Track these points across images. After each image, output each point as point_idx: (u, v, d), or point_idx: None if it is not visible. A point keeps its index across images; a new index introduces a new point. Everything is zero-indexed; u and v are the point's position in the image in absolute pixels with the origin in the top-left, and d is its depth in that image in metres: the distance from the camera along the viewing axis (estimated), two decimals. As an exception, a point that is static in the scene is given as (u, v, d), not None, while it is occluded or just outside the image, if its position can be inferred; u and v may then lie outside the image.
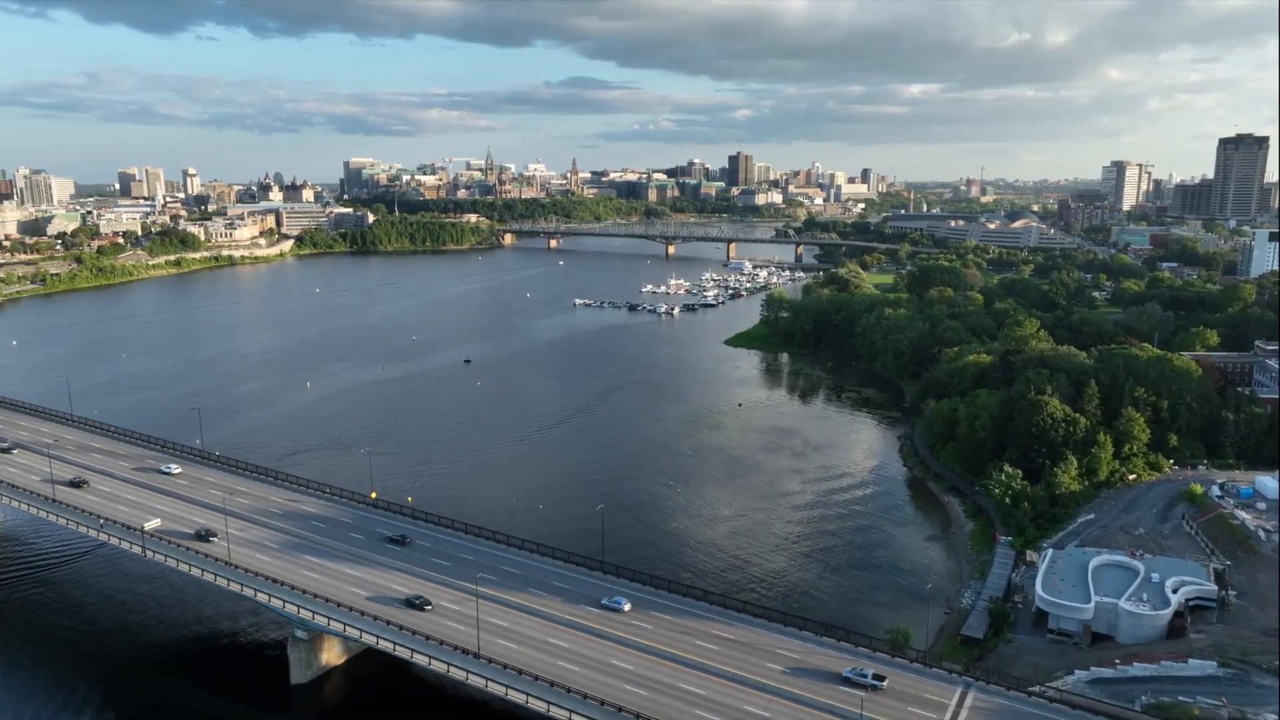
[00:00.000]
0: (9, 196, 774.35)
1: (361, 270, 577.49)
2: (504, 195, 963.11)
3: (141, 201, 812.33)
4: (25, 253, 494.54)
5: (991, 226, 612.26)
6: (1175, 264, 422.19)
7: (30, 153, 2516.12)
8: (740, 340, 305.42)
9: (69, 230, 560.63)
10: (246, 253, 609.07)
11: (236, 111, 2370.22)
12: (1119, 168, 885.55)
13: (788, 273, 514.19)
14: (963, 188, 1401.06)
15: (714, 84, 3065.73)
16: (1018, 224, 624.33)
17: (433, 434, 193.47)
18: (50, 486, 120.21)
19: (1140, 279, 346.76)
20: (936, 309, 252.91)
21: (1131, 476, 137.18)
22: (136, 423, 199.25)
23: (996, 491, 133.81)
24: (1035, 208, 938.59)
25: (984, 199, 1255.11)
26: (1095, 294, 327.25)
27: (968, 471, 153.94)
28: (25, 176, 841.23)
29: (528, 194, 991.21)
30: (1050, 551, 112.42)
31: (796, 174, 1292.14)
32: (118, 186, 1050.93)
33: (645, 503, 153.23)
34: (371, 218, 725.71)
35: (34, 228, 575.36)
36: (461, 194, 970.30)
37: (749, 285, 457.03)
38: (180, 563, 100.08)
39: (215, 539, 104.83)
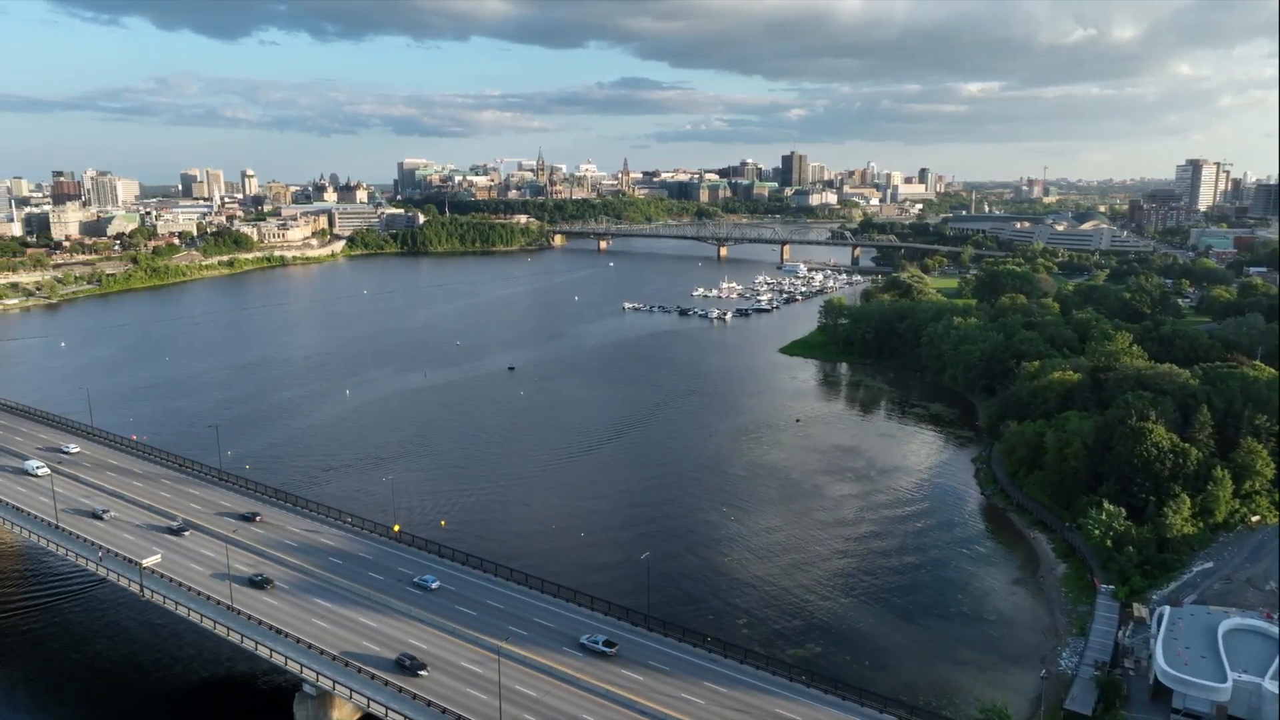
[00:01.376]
0: (77, 197, 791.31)
1: (410, 271, 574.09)
2: (555, 196, 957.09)
3: (200, 202, 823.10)
4: (84, 253, 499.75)
5: (1059, 228, 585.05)
6: (1264, 269, 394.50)
7: (100, 155, 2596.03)
8: (796, 348, 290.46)
9: (127, 231, 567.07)
10: (298, 253, 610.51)
11: (297, 114, 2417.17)
12: (1194, 166, 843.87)
13: (844, 276, 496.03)
14: (1024, 188, 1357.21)
15: (767, 84, 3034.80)
16: (1087, 225, 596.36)
17: (471, 449, 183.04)
18: (55, 510, 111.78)
19: (1227, 285, 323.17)
20: (1011, 318, 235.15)
21: (1255, 518, 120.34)
22: (167, 431, 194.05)
23: (1095, 532, 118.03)
24: (1102, 208, 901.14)
25: (1047, 199, 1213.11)
26: (1180, 301, 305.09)
27: (1056, 504, 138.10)
28: (92, 178, 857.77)
29: (578, 194, 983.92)
30: (1167, 609, 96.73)
31: (851, 174, 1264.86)
32: (180, 187, 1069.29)
33: (695, 531, 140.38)
34: (422, 218, 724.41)
35: (95, 228, 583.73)
36: (512, 194, 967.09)
37: (804, 289, 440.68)
38: (179, 605, 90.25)
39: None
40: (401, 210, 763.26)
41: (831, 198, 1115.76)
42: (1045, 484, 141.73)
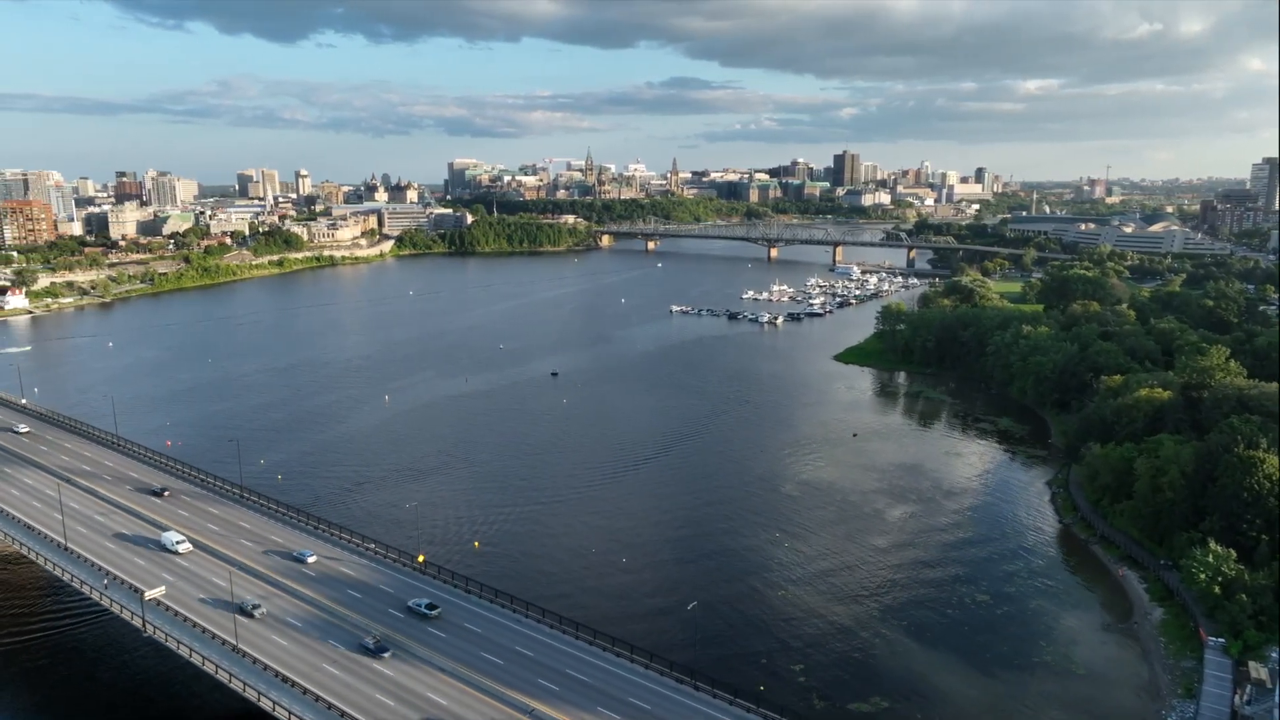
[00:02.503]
0: (139, 197, 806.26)
1: (457, 272, 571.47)
2: (603, 196, 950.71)
3: (255, 202, 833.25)
4: (139, 252, 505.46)
5: (1127, 230, 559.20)
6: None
7: (163, 156, 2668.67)
8: (852, 356, 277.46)
9: (182, 230, 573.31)
10: (347, 253, 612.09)
11: (352, 115, 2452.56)
12: (1270, 165, 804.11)
13: (900, 279, 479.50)
14: (1085, 188, 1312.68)
15: (819, 82, 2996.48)
16: (1156, 227, 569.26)
17: (510, 463, 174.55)
18: (64, 529, 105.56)
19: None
20: (1085, 328, 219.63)
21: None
22: (200, 437, 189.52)
23: (1200, 575, 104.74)
24: (1170, 209, 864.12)
25: (1110, 200, 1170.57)
26: (1266, 309, 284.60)
27: (1148, 539, 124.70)
28: (153, 178, 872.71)
29: (627, 194, 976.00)
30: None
31: (905, 174, 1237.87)
32: (237, 188, 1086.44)
33: (745, 559, 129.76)
34: (470, 218, 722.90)
35: (151, 227, 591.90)
36: (561, 194, 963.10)
37: (858, 292, 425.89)
38: (180, 645, 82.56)
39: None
40: (450, 210, 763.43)
41: (885, 198, 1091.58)
42: (1135, 515, 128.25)
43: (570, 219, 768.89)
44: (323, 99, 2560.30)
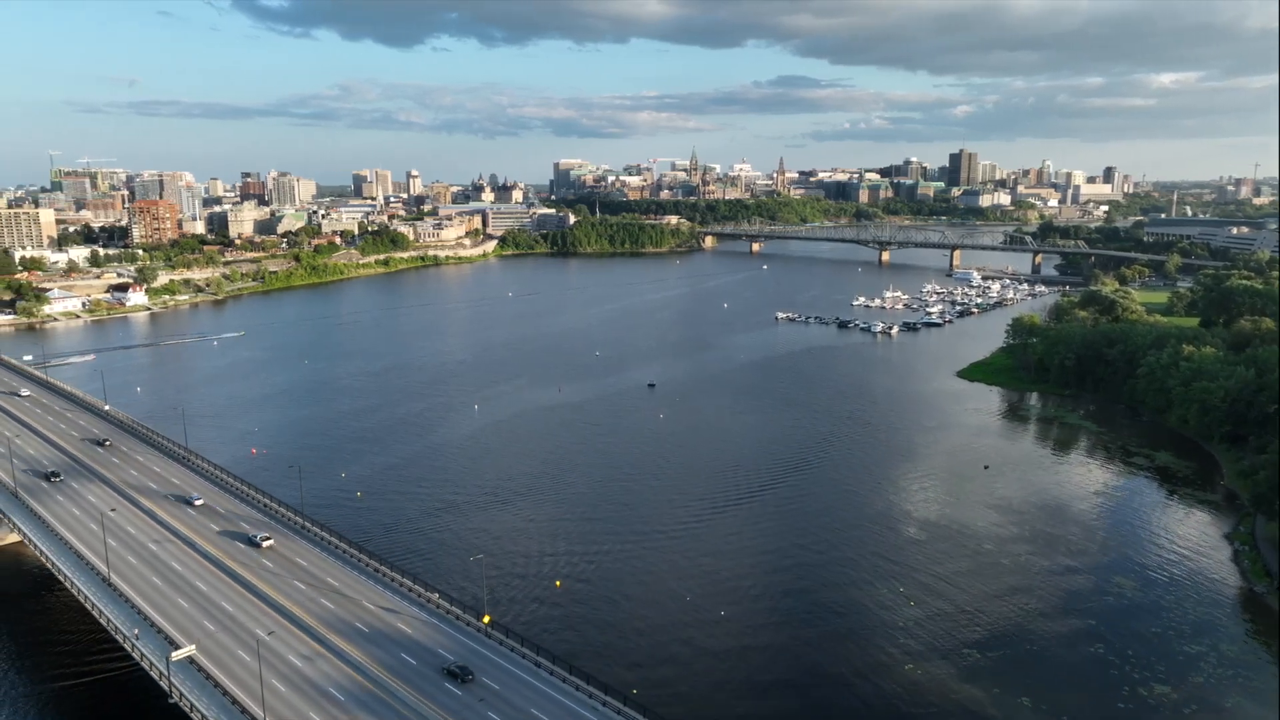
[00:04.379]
0: (261, 197, 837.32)
1: (557, 273, 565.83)
2: (708, 196, 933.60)
3: (367, 202, 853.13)
4: (253, 250, 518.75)
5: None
6: None
7: (286, 157, 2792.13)
8: (977, 372, 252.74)
9: (295, 229, 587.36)
10: (451, 253, 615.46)
11: (464, 117, 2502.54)
12: None
13: (1025, 286, 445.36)
14: (1229, 187, 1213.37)
15: (932, 79, 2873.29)
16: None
17: (600, 487, 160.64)
18: (106, 555, 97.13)
19: None
20: (1263, 350, 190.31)
21: None
22: (286, 445, 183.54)
23: None
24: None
25: (1258, 200, 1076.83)
26: None
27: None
28: (274, 179, 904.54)
29: (731, 195, 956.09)
30: None
31: (1026, 173, 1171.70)
32: (352, 187, 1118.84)
33: (864, 617, 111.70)
34: (573, 219, 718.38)
35: (267, 226, 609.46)
36: (664, 194, 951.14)
37: (980, 300, 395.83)
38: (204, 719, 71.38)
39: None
40: (553, 210, 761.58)
41: (1004, 199, 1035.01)
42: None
43: (673, 219, 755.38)
44: (437, 101, 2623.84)
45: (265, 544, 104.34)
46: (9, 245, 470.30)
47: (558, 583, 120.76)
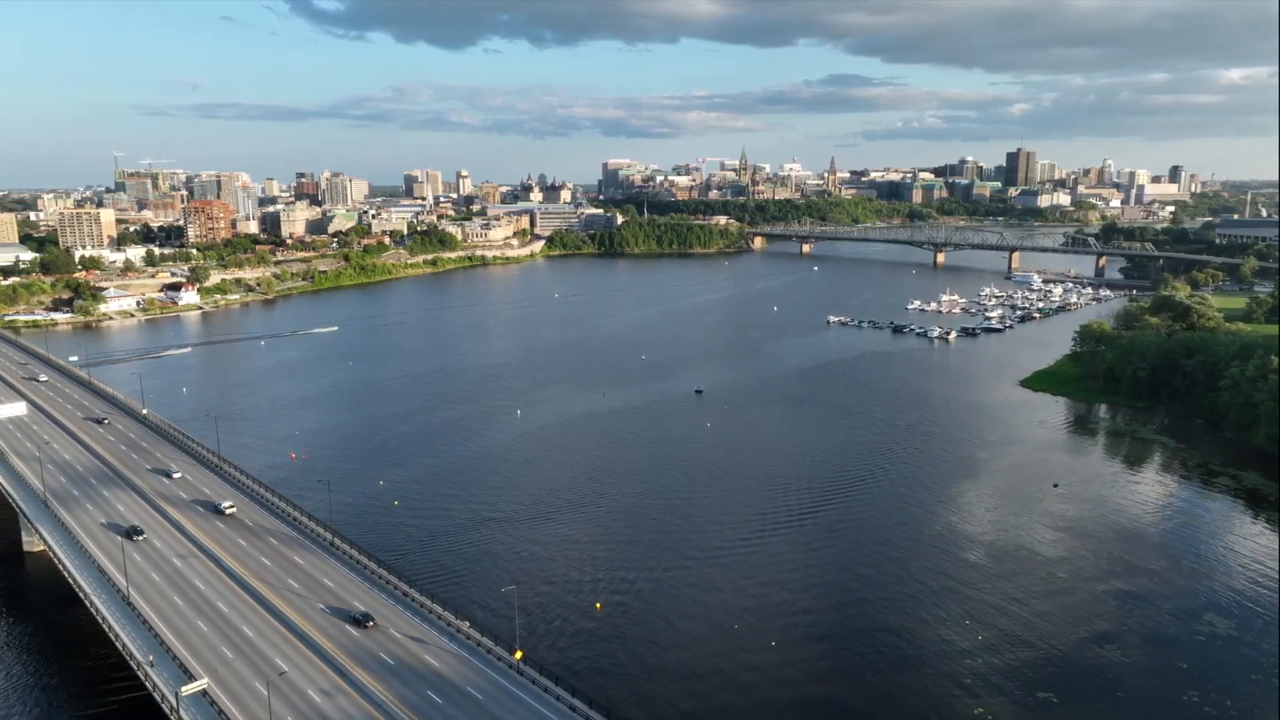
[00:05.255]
0: (315, 197, 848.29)
1: (604, 274, 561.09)
2: (757, 196, 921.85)
3: (417, 202, 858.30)
4: (304, 250, 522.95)
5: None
6: None
7: (340, 159, 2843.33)
8: (1041, 381, 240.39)
9: (345, 229, 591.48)
10: (498, 253, 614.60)
11: (515, 118, 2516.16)
12: None
13: (1089, 290, 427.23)
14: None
15: (988, 77, 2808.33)
16: None
17: (645, 502, 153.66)
18: (124, 569, 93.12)
19: None
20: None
21: None
22: (324, 451, 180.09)
23: None
24: None
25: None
26: None
27: None
28: (327, 179, 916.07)
29: (781, 195, 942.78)
30: None
31: (1086, 173, 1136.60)
32: (404, 188, 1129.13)
33: (925, 651, 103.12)
34: (620, 219, 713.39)
35: (318, 226, 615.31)
36: (713, 195, 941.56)
37: (1041, 305, 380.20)
38: (213, 764, 66.35)
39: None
40: (600, 210, 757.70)
41: (1064, 199, 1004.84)
42: None
43: (722, 220, 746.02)
44: (487, 102, 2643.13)
45: (300, 563, 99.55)
46: (71, 244, 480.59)
47: (598, 604, 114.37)
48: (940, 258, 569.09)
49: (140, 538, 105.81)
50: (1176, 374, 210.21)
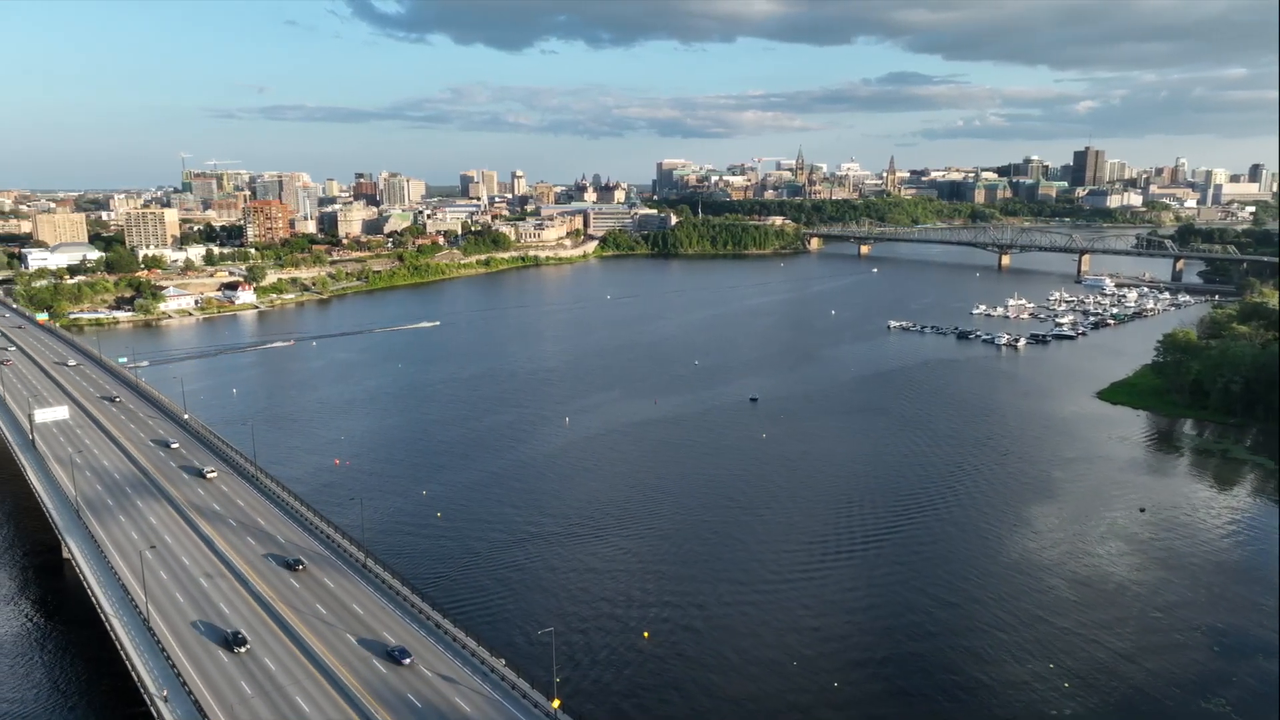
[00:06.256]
0: (372, 196, 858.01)
1: (657, 275, 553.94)
2: (814, 196, 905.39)
3: (472, 202, 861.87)
4: (359, 250, 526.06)
5: None
6: None
7: (399, 159, 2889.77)
8: (1120, 394, 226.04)
9: (400, 229, 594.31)
10: (551, 253, 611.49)
11: (570, 118, 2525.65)
12: None
13: (1166, 295, 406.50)
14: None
15: (1053, 74, 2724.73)
16: None
17: (697, 519, 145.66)
18: (141, 587, 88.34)
19: None
20: None
21: None
22: (369, 457, 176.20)
23: None
24: None
25: None
26: None
27: None
28: (385, 179, 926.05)
29: (839, 195, 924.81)
30: None
31: (1159, 172, 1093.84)
32: (460, 188, 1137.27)
33: (1007, 703, 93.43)
34: (674, 219, 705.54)
35: (375, 226, 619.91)
36: (769, 195, 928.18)
37: (1115, 310, 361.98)
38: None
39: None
40: (654, 211, 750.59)
41: (1135, 199, 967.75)
42: None
43: (777, 220, 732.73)
44: (544, 103, 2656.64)
45: (332, 587, 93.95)
46: (136, 244, 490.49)
47: (645, 634, 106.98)
48: (1005, 260, 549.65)
49: (167, 549, 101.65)
50: (1273, 389, 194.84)
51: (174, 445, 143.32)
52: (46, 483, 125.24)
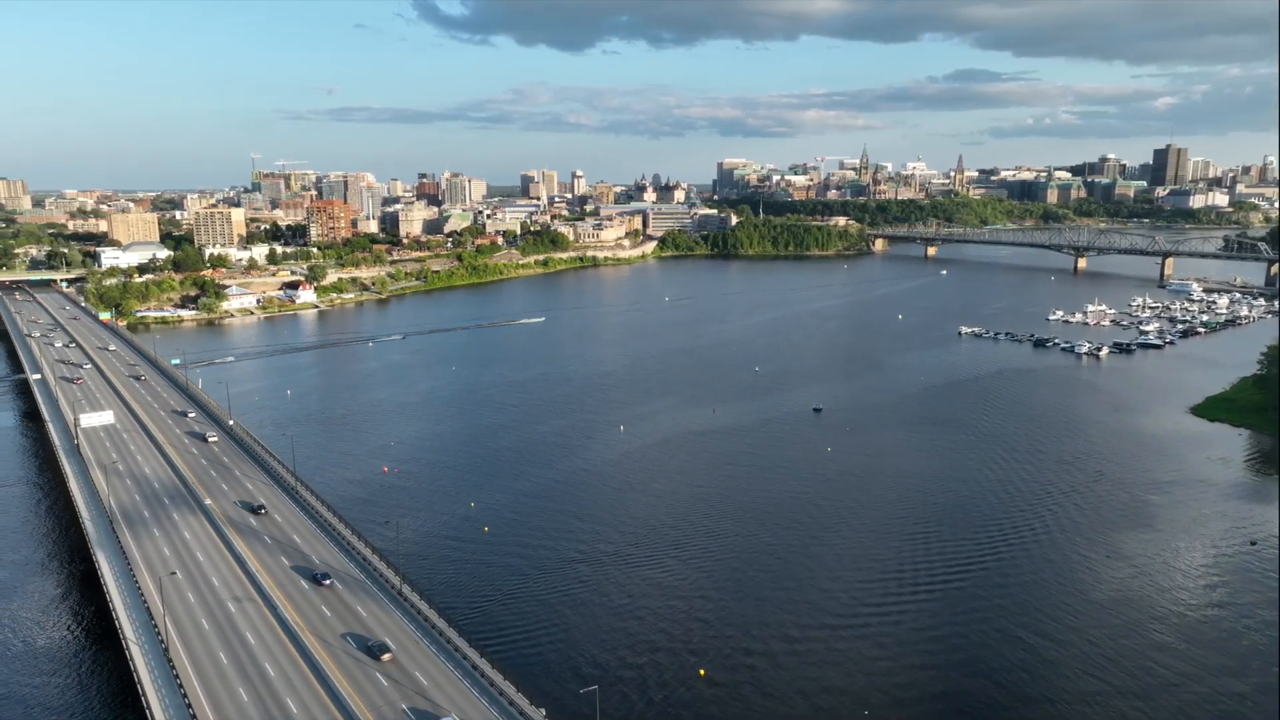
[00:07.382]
0: (434, 196, 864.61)
1: (716, 277, 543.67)
2: (878, 196, 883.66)
3: (532, 202, 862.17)
4: (419, 250, 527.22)
5: None
6: None
7: (462, 159, 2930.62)
8: (1217, 409, 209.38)
9: (460, 229, 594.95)
10: (610, 254, 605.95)
11: (631, 119, 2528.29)
12: None
13: (1261, 301, 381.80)
14: None
15: (1130, 70, 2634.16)
16: None
17: (758, 543, 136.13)
18: (161, 610, 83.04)
19: None
20: None
21: None
22: (418, 465, 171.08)
23: None
24: None
25: None
26: None
27: None
28: (447, 179, 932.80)
29: (904, 195, 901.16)
30: None
31: (1246, 170, 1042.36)
32: (520, 188, 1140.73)
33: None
34: (735, 219, 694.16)
35: (435, 226, 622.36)
36: (831, 195, 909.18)
37: (1206, 318, 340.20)
38: None
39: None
40: (714, 211, 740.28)
41: (1220, 199, 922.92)
42: None
43: (841, 221, 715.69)
44: (605, 103, 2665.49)
45: (364, 615, 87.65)
46: (204, 243, 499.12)
47: (701, 671, 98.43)
48: (1081, 263, 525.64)
49: (197, 569, 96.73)
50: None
51: (212, 440, 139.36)
52: (86, 491, 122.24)
